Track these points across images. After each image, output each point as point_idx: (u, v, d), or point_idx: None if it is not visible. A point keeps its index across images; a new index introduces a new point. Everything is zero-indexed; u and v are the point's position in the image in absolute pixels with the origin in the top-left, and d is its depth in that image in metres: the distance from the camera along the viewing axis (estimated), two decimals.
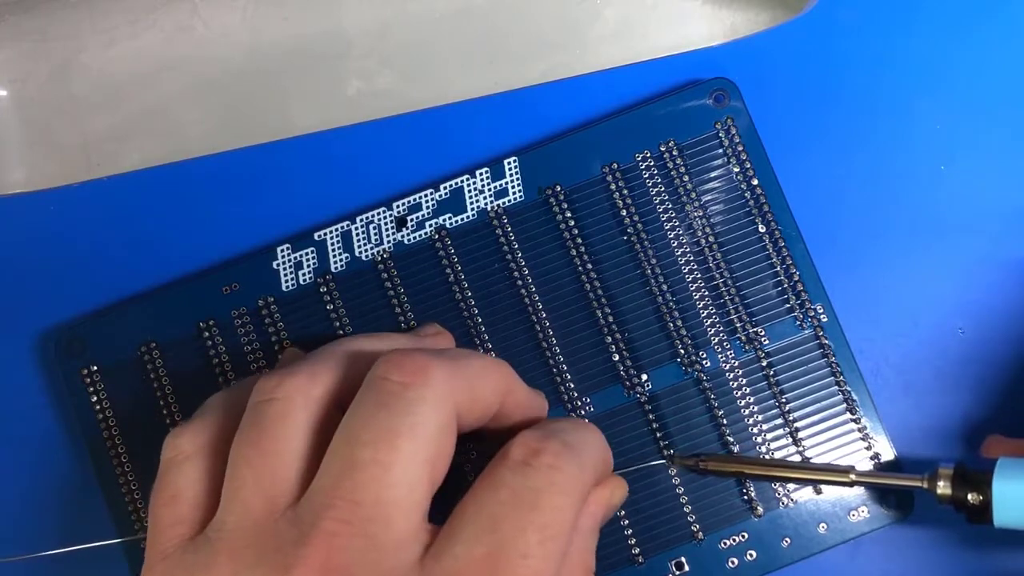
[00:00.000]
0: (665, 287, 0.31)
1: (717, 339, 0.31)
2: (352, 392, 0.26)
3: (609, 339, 0.31)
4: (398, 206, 0.32)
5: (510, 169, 0.32)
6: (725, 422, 0.30)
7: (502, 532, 0.24)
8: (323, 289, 0.32)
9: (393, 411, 0.25)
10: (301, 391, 0.26)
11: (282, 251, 0.32)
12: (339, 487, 0.24)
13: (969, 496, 0.27)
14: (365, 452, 0.24)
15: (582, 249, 0.31)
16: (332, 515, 0.24)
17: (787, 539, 0.30)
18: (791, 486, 0.30)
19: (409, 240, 0.32)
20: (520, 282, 0.31)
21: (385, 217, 0.32)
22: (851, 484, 0.29)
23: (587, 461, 0.26)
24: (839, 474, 0.29)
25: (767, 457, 0.30)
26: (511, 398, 0.28)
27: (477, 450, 0.31)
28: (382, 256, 0.32)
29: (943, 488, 0.28)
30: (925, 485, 0.28)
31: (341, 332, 0.31)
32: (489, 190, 0.32)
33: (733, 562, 0.30)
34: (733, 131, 0.31)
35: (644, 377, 0.31)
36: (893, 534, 0.30)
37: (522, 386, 0.29)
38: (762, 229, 0.31)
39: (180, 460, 0.27)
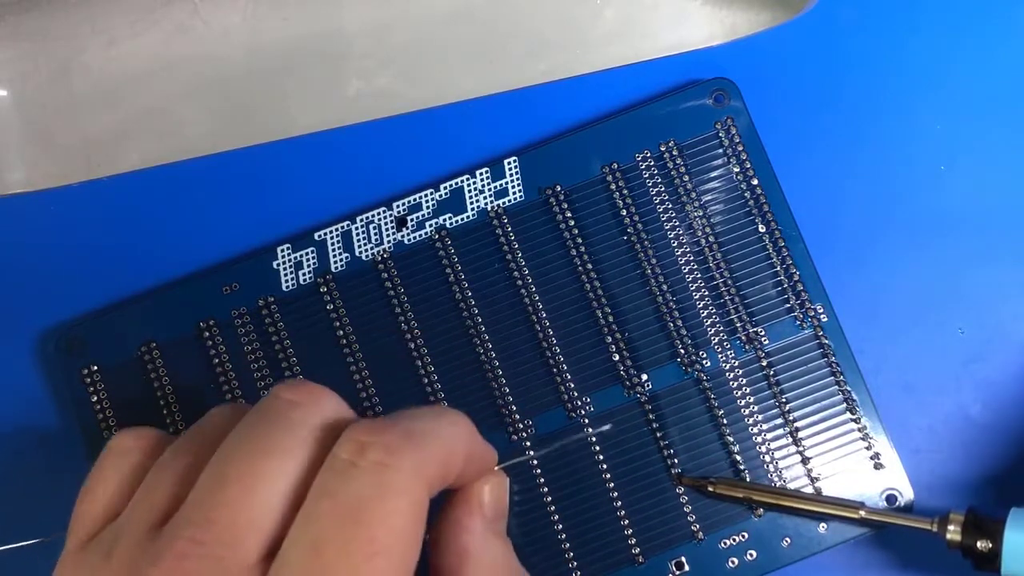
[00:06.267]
0: (665, 287, 0.31)
1: (717, 339, 0.31)
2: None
3: (609, 339, 0.31)
4: (398, 206, 0.32)
5: (510, 169, 0.32)
6: (725, 422, 0.30)
7: (325, 557, 0.21)
8: (323, 289, 0.32)
9: (274, 426, 0.23)
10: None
11: (282, 251, 0.32)
12: (202, 503, 0.23)
13: (979, 543, 0.27)
14: (231, 468, 0.23)
15: (582, 249, 0.31)
16: (187, 534, 0.22)
17: (787, 539, 0.30)
18: (792, 482, 0.30)
19: (409, 240, 0.32)
20: (520, 282, 0.31)
21: (385, 217, 0.32)
22: (860, 522, 0.29)
23: (432, 454, 0.23)
24: (849, 510, 0.29)
25: (776, 483, 0.30)
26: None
27: None
28: (382, 256, 0.32)
29: (952, 534, 0.27)
30: (935, 529, 0.28)
31: (341, 332, 0.31)
32: (489, 190, 0.32)
33: (733, 562, 0.30)
34: (733, 131, 0.31)
35: (644, 377, 0.31)
36: (893, 534, 0.30)
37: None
38: (762, 229, 0.31)
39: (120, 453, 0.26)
